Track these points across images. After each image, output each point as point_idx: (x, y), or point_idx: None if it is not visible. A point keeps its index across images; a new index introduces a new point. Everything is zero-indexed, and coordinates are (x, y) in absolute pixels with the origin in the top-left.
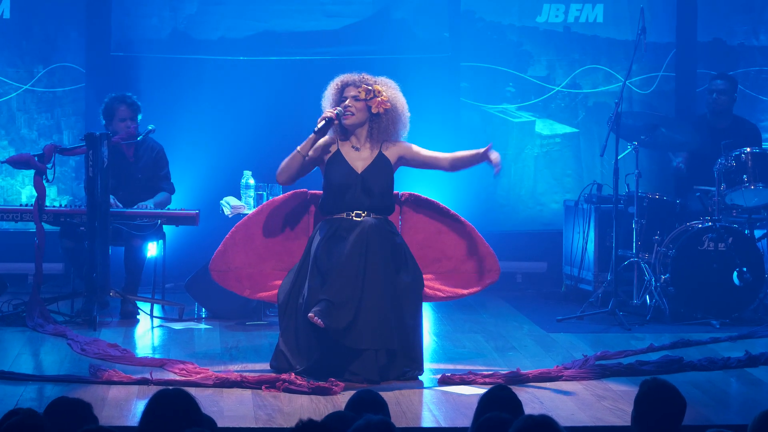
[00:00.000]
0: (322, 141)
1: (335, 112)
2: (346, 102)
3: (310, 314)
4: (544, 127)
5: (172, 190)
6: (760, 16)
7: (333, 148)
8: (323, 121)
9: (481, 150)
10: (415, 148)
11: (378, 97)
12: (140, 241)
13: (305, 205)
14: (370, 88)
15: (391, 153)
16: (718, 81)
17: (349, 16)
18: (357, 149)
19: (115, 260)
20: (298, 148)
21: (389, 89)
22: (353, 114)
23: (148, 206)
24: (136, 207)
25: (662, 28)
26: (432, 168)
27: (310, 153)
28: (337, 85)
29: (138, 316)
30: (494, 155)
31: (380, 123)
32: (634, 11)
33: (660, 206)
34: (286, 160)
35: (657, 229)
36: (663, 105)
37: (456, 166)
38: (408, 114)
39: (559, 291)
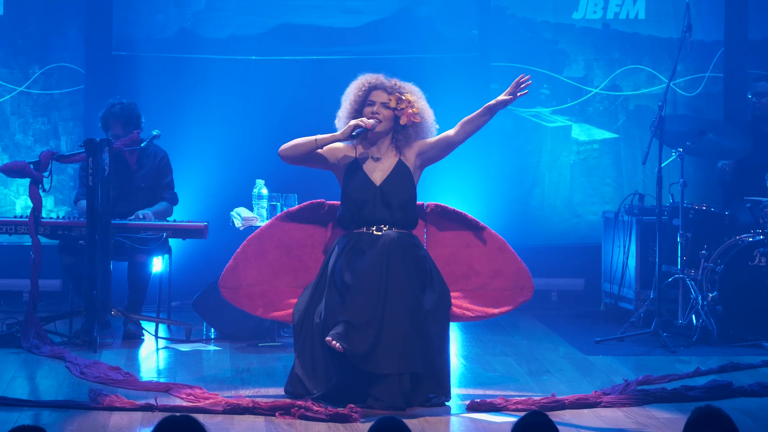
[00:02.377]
0: (341, 145)
1: (371, 123)
2: (374, 108)
3: (327, 338)
4: (581, 132)
5: (174, 201)
6: None
7: (350, 158)
8: (359, 129)
9: (493, 101)
10: (429, 140)
11: (409, 108)
12: (145, 255)
13: (322, 217)
14: (402, 97)
15: (410, 157)
16: (760, 83)
17: (369, 12)
18: (377, 159)
19: (117, 276)
20: (318, 137)
21: (419, 100)
22: (380, 122)
23: (145, 215)
24: (132, 216)
25: (709, 25)
26: (447, 148)
27: (324, 150)
28: (364, 85)
29: (142, 337)
30: (509, 91)
31: (406, 134)
32: (679, 7)
33: (707, 218)
34: (300, 139)
35: (704, 243)
36: (710, 108)
37: (468, 131)
38: (436, 126)
39: (597, 310)
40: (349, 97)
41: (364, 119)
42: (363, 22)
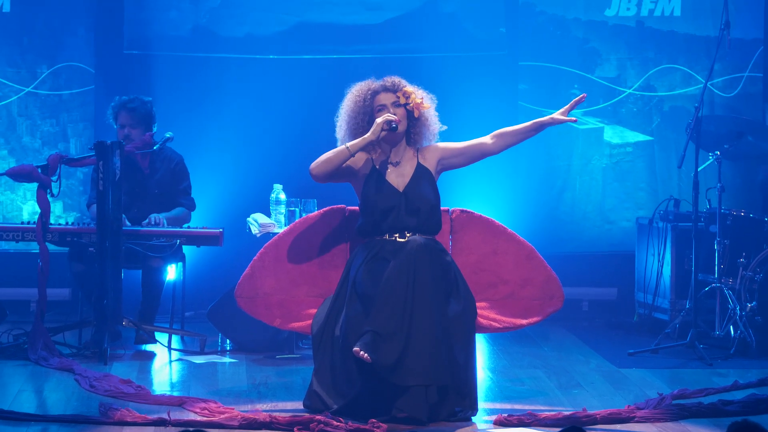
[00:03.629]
0: (358, 154)
1: (397, 117)
2: (390, 110)
3: (355, 348)
4: (613, 134)
5: (192, 207)
6: None
7: (368, 165)
8: (393, 124)
9: (547, 117)
10: (450, 144)
11: (416, 98)
12: (159, 262)
13: (343, 224)
14: (408, 90)
15: (430, 160)
16: None
17: (392, 9)
18: (396, 164)
19: (129, 285)
20: (348, 144)
21: (415, 88)
22: (399, 122)
23: (158, 219)
24: (146, 221)
25: (748, 22)
26: (478, 157)
27: (350, 161)
28: (366, 94)
29: (154, 348)
30: (566, 110)
31: (418, 127)
32: (717, 3)
33: (746, 225)
34: (330, 152)
35: (742, 251)
36: (749, 109)
37: (509, 143)
38: (436, 113)
39: (630, 321)
40: (349, 111)
41: (389, 114)
42: (385, 18)
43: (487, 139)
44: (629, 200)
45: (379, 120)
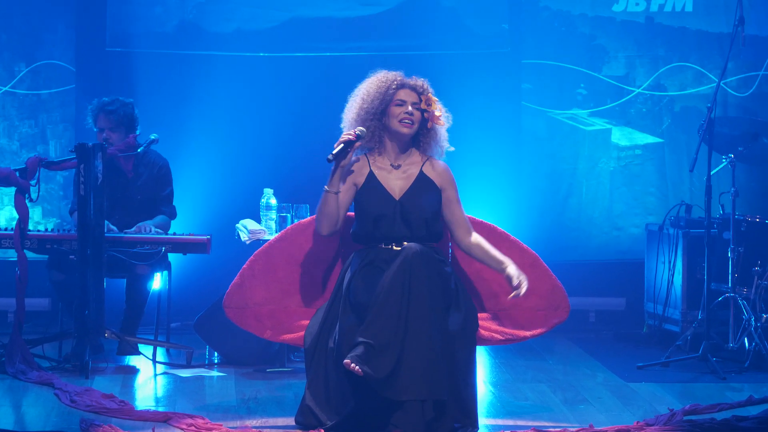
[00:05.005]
0: (351, 165)
1: (356, 132)
2: (405, 108)
3: (346, 360)
4: (621, 136)
5: (172, 215)
6: None
7: (365, 171)
8: (341, 146)
9: (506, 269)
10: (453, 195)
11: (436, 111)
12: (144, 270)
13: (337, 230)
14: (432, 99)
15: (436, 178)
16: None
17: (388, 4)
18: (396, 167)
19: (112, 295)
20: (326, 186)
21: (439, 101)
22: (412, 123)
23: (147, 227)
24: (134, 228)
25: (764, 19)
26: (447, 227)
27: (341, 187)
28: (392, 82)
29: (138, 362)
30: (512, 275)
31: (429, 137)
32: None
33: (761, 231)
34: (319, 205)
35: (757, 259)
36: (765, 110)
37: (474, 253)
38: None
39: (640, 332)
40: (366, 94)
41: (345, 133)
42: (382, 10)
43: (465, 234)
44: (638, 205)
45: (341, 138)
